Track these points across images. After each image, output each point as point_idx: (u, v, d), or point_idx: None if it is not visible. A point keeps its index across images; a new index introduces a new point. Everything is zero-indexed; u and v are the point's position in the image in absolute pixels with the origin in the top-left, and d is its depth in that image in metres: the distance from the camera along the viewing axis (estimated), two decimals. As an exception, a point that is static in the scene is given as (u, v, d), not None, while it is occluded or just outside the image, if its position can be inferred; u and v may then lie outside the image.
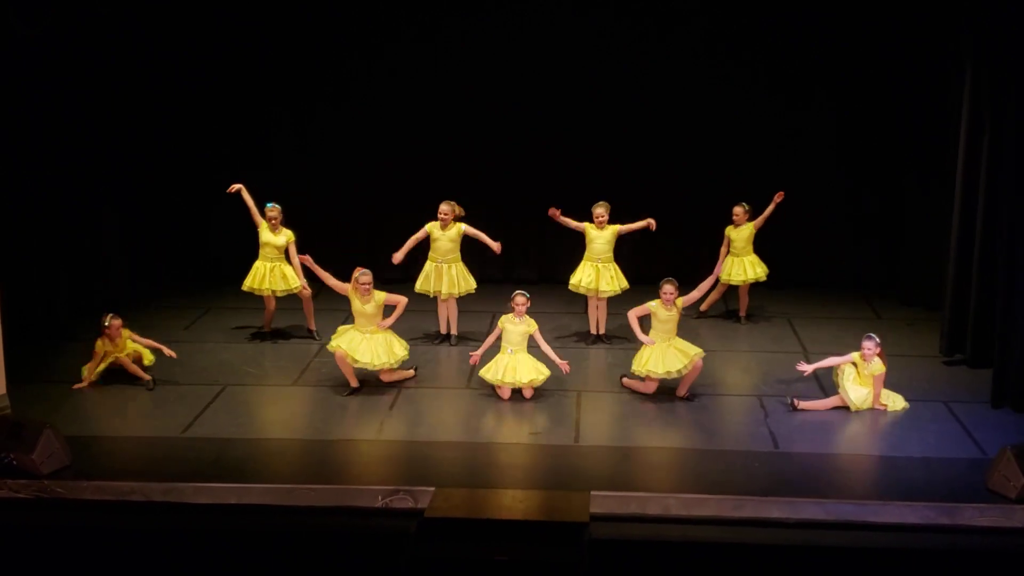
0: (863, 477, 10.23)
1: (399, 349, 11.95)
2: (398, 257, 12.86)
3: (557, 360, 11.64)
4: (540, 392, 11.77)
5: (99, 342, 11.89)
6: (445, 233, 12.98)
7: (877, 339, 11.35)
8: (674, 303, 11.65)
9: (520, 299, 11.71)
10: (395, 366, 11.93)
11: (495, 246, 12.95)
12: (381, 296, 11.90)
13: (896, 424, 11.15)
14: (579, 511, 9.17)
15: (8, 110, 12.63)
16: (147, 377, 12.03)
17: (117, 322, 11.87)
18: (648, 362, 11.63)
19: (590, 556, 8.75)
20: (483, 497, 9.47)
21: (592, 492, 9.45)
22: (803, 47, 14.81)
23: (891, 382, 11.68)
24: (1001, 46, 11.53)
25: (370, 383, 11.93)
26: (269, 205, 13.02)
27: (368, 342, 11.76)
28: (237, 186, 13.09)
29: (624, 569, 8.88)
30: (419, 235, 12.96)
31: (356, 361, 11.70)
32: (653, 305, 11.68)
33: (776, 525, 9.22)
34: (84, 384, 11.88)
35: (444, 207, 12.95)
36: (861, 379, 11.39)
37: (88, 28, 13.54)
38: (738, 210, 13.74)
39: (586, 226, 13.15)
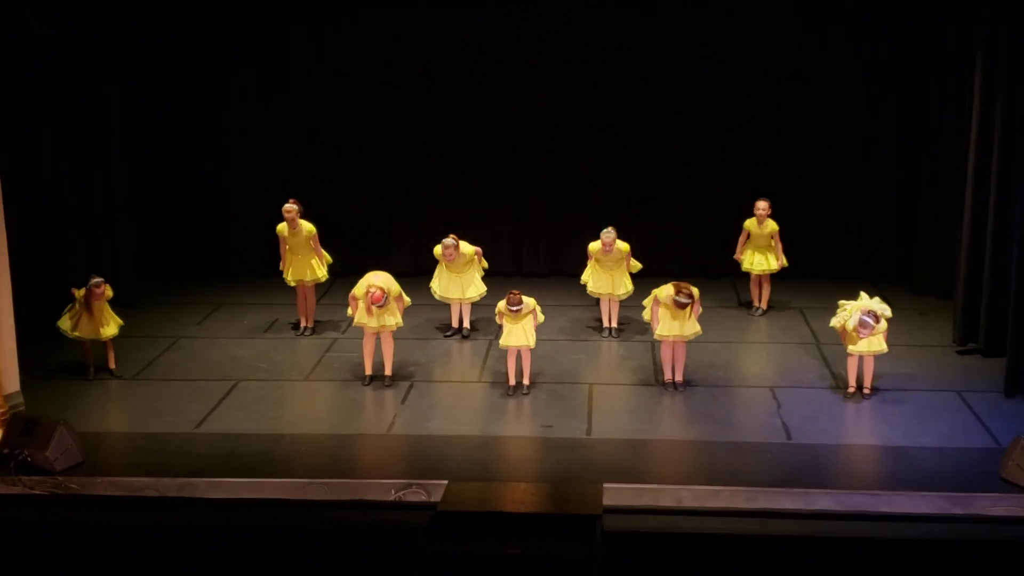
0: (876, 467, 10.22)
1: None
2: None
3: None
4: (552, 385, 11.77)
5: (81, 297, 11.89)
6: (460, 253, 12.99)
7: (873, 323, 11.20)
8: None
9: (513, 299, 11.53)
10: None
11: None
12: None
13: (909, 414, 11.12)
14: (592, 503, 9.17)
15: (15, 110, 12.65)
16: (114, 366, 12.11)
17: (102, 288, 11.85)
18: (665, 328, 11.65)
19: (603, 548, 8.74)
20: (496, 490, 9.48)
21: (605, 484, 9.46)
22: (814, 38, 14.74)
23: (904, 372, 11.67)
24: (1012, 32, 11.49)
25: (382, 378, 11.94)
26: (287, 205, 12.97)
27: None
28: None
29: (638, 561, 8.87)
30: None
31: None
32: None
33: (789, 516, 9.21)
34: (74, 331, 11.92)
35: (448, 241, 12.89)
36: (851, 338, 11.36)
37: (91, 26, 13.53)
38: (762, 204, 13.44)
39: (591, 249, 13.07)
